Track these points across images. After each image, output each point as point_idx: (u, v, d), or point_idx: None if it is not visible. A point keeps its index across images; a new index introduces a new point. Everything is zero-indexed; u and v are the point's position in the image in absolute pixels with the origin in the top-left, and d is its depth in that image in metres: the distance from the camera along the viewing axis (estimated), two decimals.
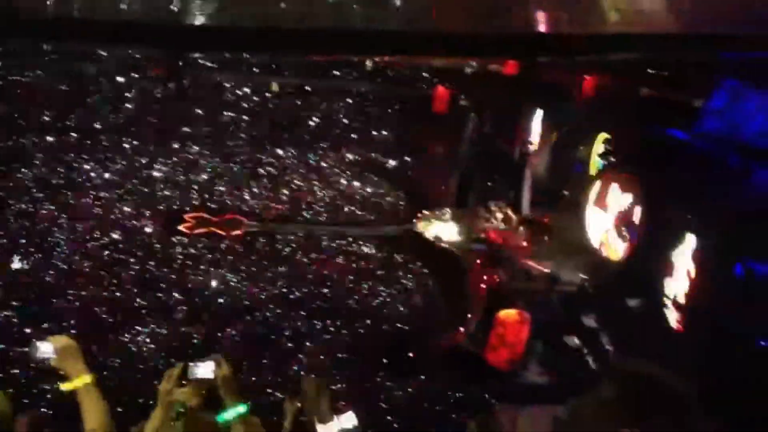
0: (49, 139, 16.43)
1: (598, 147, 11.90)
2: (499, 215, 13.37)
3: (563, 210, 12.36)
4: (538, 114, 13.82)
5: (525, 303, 11.06)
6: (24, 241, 14.40)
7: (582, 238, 11.05)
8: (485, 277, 12.29)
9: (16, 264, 13.86)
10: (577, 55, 11.67)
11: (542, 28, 12.56)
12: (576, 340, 10.81)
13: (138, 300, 13.46)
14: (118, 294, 13.53)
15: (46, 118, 16.59)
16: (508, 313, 11.00)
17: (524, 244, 12.83)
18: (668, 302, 8.89)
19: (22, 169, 15.84)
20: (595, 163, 11.83)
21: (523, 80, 13.37)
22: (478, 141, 14.96)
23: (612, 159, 11.47)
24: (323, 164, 17.42)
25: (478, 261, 12.88)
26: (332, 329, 13.32)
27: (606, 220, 10.62)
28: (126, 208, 15.63)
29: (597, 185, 10.84)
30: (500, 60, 13.72)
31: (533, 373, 11.25)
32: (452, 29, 12.52)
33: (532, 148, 13.62)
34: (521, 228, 12.99)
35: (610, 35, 10.50)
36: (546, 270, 11.76)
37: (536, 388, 11.01)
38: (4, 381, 10.70)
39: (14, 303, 12.80)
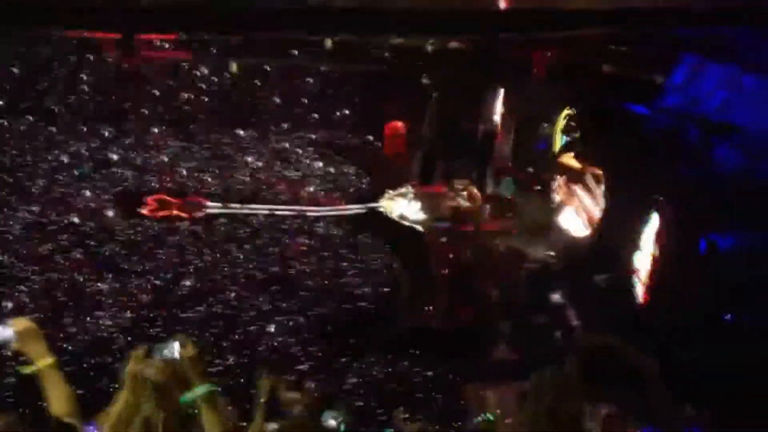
0: (1, 122, 15.99)
1: (561, 123, 11.98)
2: (464, 193, 13.40)
3: (527, 187, 12.44)
4: (501, 92, 13.83)
5: (491, 281, 11.16)
6: None
7: (547, 215, 11.15)
8: (450, 256, 12.36)
9: None
10: (538, 32, 11.71)
11: (502, 4, 12.58)
12: (542, 317, 10.93)
13: (99, 284, 13.25)
14: (78, 278, 13.29)
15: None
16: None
17: (489, 221, 12.89)
18: (636, 277, 9.02)
19: None
20: (559, 140, 11.91)
21: (485, 58, 13.36)
22: (441, 119, 14.91)
23: (575, 135, 11.56)
24: (284, 144, 17.21)
25: (443, 239, 12.92)
26: (297, 310, 13.27)
27: (570, 205, 10.73)
28: (85, 192, 15.29)
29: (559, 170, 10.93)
30: (462, 37, 13.68)
31: (500, 350, 11.36)
32: (412, 6, 12.47)
33: (495, 125, 13.66)
34: (486, 206, 13.05)
35: (572, 11, 10.56)
36: (511, 247, 11.85)
37: (503, 364, 11.13)
38: None
39: None
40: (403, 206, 14.04)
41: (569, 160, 11.20)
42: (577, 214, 10.71)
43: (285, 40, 16.60)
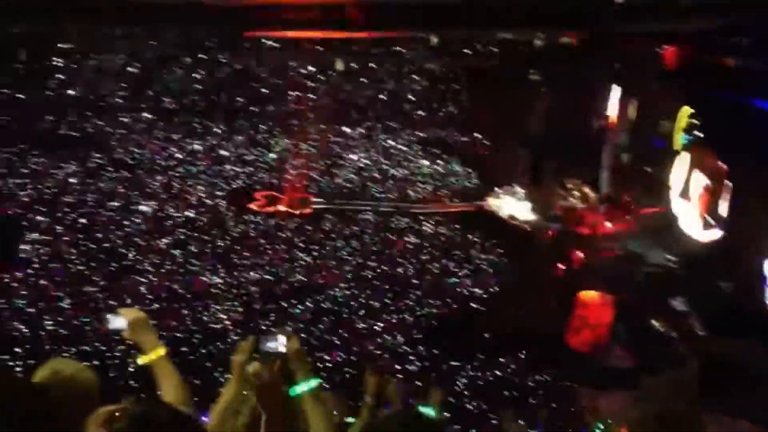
0: (123, 120, 16.66)
1: (682, 121, 11.44)
2: (576, 193, 13.05)
3: (645, 188, 11.98)
4: (615, 88, 13.38)
5: (607, 284, 10.80)
6: (104, 219, 14.66)
7: (666, 217, 10.69)
8: (563, 257, 12.05)
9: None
10: (654, 24, 11.26)
11: None
12: (661, 323, 10.49)
13: (212, 277, 13.60)
14: (193, 271, 13.69)
15: (119, 100, 16.82)
16: (589, 295, 10.75)
17: (604, 223, 12.49)
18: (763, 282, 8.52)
19: (97, 151, 16.13)
20: (680, 138, 11.38)
21: (599, 52, 12.99)
22: (552, 117, 14.57)
23: (697, 133, 11.02)
24: (391, 142, 17.25)
25: (555, 240, 12.61)
26: (405, 308, 13.23)
27: (692, 207, 10.24)
28: (199, 187, 15.76)
29: (680, 170, 10.44)
30: (572, 31, 13.35)
31: (616, 356, 10.97)
32: (520, 0, 12.22)
33: (610, 123, 13.22)
34: (600, 206, 12.65)
35: (689, 2, 10.10)
36: (628, 250, 11.43)
37: (619, 371, 10.73)
38: (88, 354, 10.99)
39: (95, 279, 13.09)
40: (512, 205, 13.79)
41: (690, 159, 10.70)
42: (699, 216, 10.21)
43: (392, 37, 16.64)
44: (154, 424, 2.50)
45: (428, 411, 6.33)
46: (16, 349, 11.32)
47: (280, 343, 3.91)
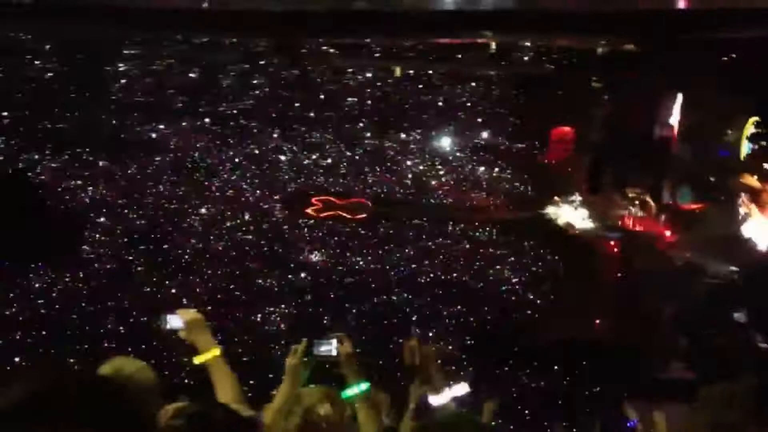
0: (183, 124, 16.93)
1: (747, 129, 11.16)
2: (637, 202, 12.81)
3: (709, 197, 11.69)
4: (678, 96, 13.12)
5: (666, 295, 10.57)
6: (162, 220, 14.90)
7: (731, 227, 10.42)
8: (621, 267, 11.84)
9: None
10: (720, 32, 11.02)
11: (682, 3, 11.92)
12: (718, 333, 10.21)
13: (267, 279, 13.71)
14: (248, 273, 13.83)
15: (180, 105, 17.11)
16: None
17: (664, 232, 12.23)
18: None
19: (157, 154, 16.42)
20: (745, 147, 11.09)
21: (662, 60, 12.76)
22: (612, 124, 14.33)
23: (763, 142, 10.74)
24: (447, 149, 17.19)
25: (613, 249, 12.40)
26: (458, 315, 13.15)
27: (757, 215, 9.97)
28: (255, 191, 15.93)
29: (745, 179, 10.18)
30: (635, 39, 13.15)
31: (670, 367, 10.72)
32: (582, 7, 12.06)
33: (673, 131, 12.95)
34: (661, 216, 12.39)
35: (755, 10, 9.83)
36: (688, 260, 11.17)
37: (675, 383, 10.47)
38: (147, 352, 11.14)
39: (153, 279, 13.31)
40: (570, 213, 13.61)
41: (756, 168, 10.42)
42: (765, 227, 9.94)
43: (449, 43, 16.62)
44: (209, 423, 2.51)
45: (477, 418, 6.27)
46: (78, 347, 11.56)
47: (333, 347, 3.93)
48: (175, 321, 3.83)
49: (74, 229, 14.25)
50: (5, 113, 15.92)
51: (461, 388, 4.43)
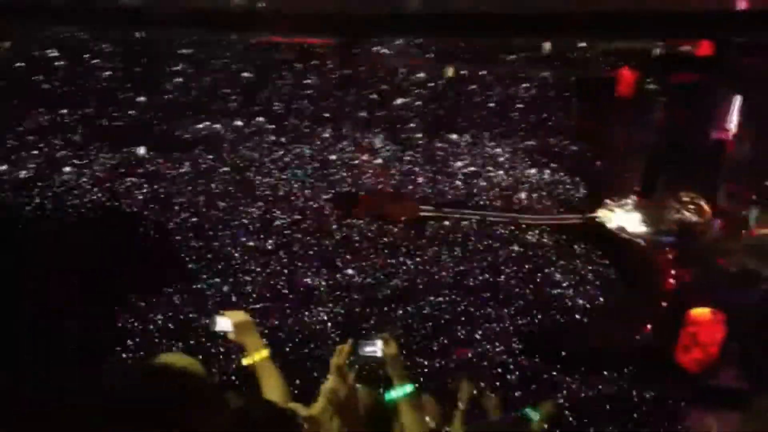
0: (237, 123, 17.16)
1: None
2: (691, 206, 12.55)
3: (764, 203, 11.40)
4: (737, 99, 12.80)
5: (720, 301, 10.31)
6: (215, 219, 15.11)
7: None
8: (674, 272, 11.60)
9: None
10: None
11: (742, 4, 11.65)
12: None
13: (315, 279, 13.78)
14: (296, 272, 13.91)
15: (233, 104, 17.36)
16: (701, 312, 10.29)
17: (719, 238, 11.96)
18: None
19: (209, 153, 16.66)
20: None
21: (720, 62, 12.49)
22: (667, 127, 14.06)
23: None
24: (498, 150, 17.08)
25: (666, 254, 12.16)
26: (506, 318, 13.03)
27: None
28: (305, 190, 16.05)
29: None
30: (692, 40, 12.91)
31: (728, 375, 10.45)
32: (637, 8, 11.87)
33: (730, 135, 12.65)
34: (716, 221, 12.12)
35: None
36: (743, 266, 10.89)
37: (730, 391, 10.21)
38: (195, 349, 11.31)
39: (203, 276, 13.50)
40: (622, 217, 13.38)
41: None
42: None
43: (502, 44, 16.55)
44: (251, 419, 2.55)
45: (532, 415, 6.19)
46: (128, 342, 11.78)
47: (377, 348, 3.92)
48: (224, 322, 3.87)
49: (127, 225, 14.52)
50: (64, 110, 16.33)
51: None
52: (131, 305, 12.72)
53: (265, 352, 3.83)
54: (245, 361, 3.83)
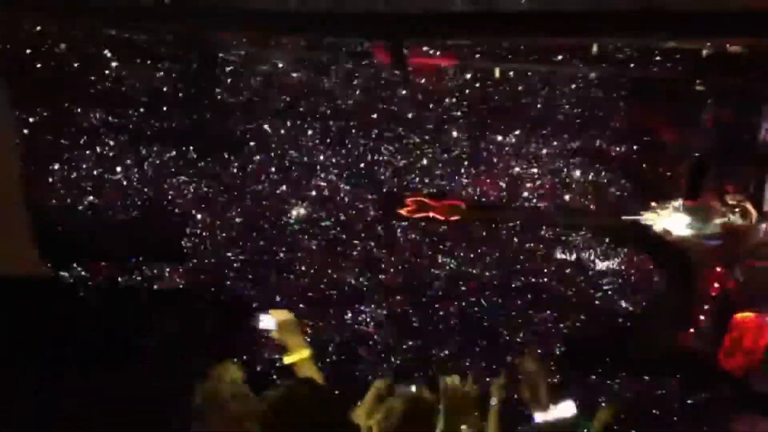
0: (287, 123, 17.27)
1: None
2: (737, 209, 12.37)
3: None
4: None
5: (765, 306, 10.19)
6: (261, 220, 15.33)
7: None
8: (719, 276, 11.47)
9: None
10: None
11: None
12: None
13: (360, 280, 13.92)
14: (341, 273, 14.07)
15: (282, 104, 17.49)
16: (745, 317, 10.17)
17: (765, 241, 11.78)
18: None
19: (258, 153, 16.84)
20: None
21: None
22: (715, 128, 13.88)
23: None
24: (545, 151, 16.96)
25: (712, 258, 12.02)
26: (549, 321, 13.03)
27: None
28: (351, 191, 16.16)
29: None
30: (742, 40, 12.69)
31: None
32: (685, 8, 11.73)
33: None
34: (763, 225, 11.94)
35: None
36: None
37: None
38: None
39: (250, 276, 13.75)
40: (667, 219, 13.22)
41: None
42: None
43: (548, 44, 16.43)
44: (296, 398, 2.69)
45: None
46: (179, 344, 12.08)
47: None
48: (267, 321, 4.02)
49: (176, 226, 14.80)
50: (119, 110, 16.62)
51: (567, 408, 4.39)
52: (180, 307, 13.01)
53: (306, 352, 3.99)
54: (287, 360, 3.99)
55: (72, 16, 12.86)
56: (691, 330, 11.46)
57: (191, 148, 16.53)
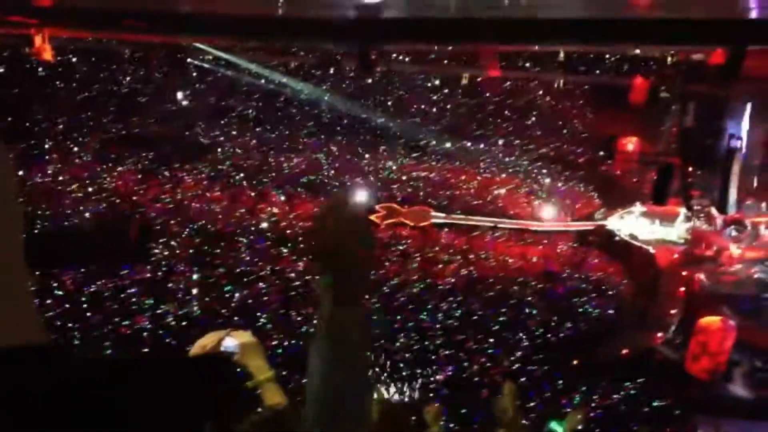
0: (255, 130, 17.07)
1: None
2: (702, 215, 12.55)
3: None
4: (748, 108, 12.80)
5: (730, 310, 10.34)
6: (230, 228, 15.15)
7: None
8: (685, 280, 11.62)
9: None
10: None
11: (754, 13, 11.63)
12: None
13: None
14: (312, 279, 13.95)
15: (250, 111, 17.29)
16: (711, 320, 10.32)
17: (729, 246, 11.96)
18: None
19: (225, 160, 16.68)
20: None
21: (732, 71, 12.46)
22: (680, 135, 14.07)
23: None
24: (512, 157, 17.06)
25: (677, 262, 12.18)
26: (519, 327, 13.09)
27: None
28: (319, 198, 16.02)
29: None
30: (706, 49, 12.89)
31: (739, 384, 10.48)
32: (652, 16, 11.88)
33: (740, 143, 12.65)
34: (726, 229, 12.12)
35: None
36: (755, 275, 10.90)
37: (743, 401, 10.24)
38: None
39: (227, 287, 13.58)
40: (633, 225, 13.38)
41: None
42: None
43: (518, 51, 16.51)
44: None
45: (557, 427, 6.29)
46: (144, 349, 11.93)
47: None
48: (229, 342, 3.94)
49: (146, 234, 14.53)
50: (87, 115, 16.30)
51: None
52: (144, 311, 12.83)
53: (269, 373, 3.94)
54: (249, 384, 3.93)
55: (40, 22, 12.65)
56: (658, 333, 11.58)
57: (162, 156, 16.22)
